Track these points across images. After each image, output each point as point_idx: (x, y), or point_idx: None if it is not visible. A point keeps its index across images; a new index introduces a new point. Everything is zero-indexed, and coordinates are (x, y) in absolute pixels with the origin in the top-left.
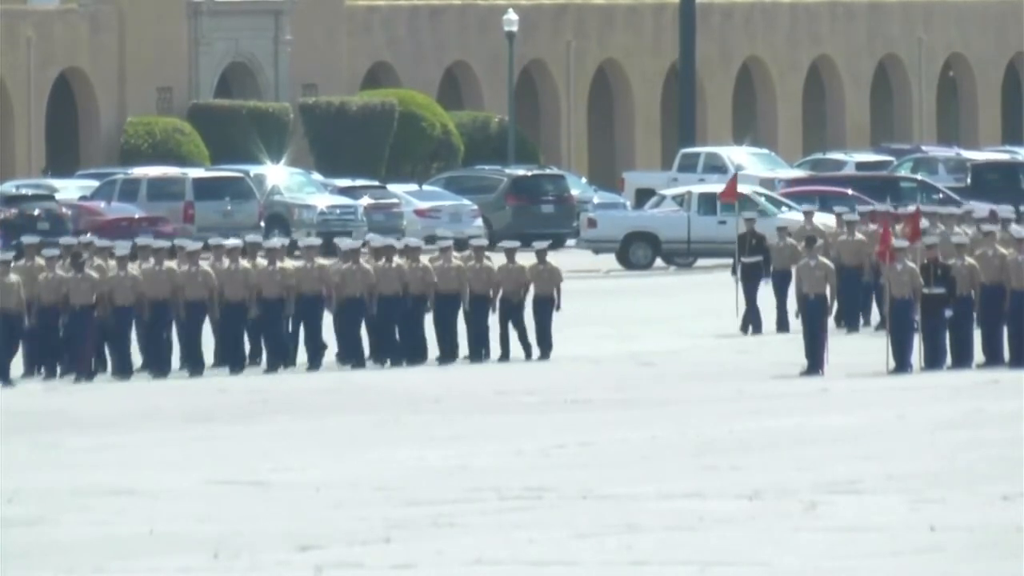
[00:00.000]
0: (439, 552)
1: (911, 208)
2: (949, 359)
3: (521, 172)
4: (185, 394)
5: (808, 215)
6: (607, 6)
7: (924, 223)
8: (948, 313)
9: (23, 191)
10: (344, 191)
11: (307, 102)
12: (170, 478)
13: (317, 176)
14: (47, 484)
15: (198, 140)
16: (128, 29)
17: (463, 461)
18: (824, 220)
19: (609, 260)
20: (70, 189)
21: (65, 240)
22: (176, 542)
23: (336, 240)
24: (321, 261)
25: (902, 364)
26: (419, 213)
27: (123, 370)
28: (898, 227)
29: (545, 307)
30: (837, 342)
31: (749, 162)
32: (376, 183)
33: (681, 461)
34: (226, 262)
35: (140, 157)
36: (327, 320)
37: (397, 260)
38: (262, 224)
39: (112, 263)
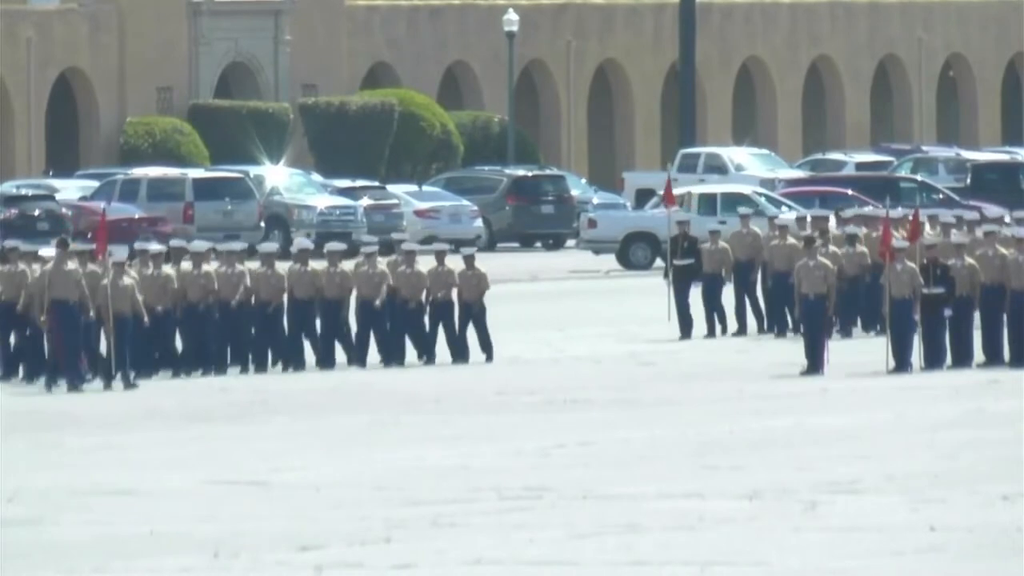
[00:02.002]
0: (439, 552)
1: (868, 211)
2: (949, 359)
3: (521, 172)
4: (185, 394)
5: (744, 218)
6: (607, 6)
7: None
8: (948, 313)
9: (23, 191)
10: (344, 191)
11: (307, 102)
12: (170, 478)
13: (317, 176)
14: (47, 484)
15: (198, 140)
16: (128, 29)
17: (463, 461)
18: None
19: (609, 260)
20: (70, 189)
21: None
22: (176, 542)
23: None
24: (313, 265)
25: (902, 364)
26: (419, 213)
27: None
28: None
29: (474, 312)
30: (837, 342)
31: (749, 162)
32: (376, 183)
33: (681, 461)
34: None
35: (140, 157)
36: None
37: (314, 265)
38: (262, 224)
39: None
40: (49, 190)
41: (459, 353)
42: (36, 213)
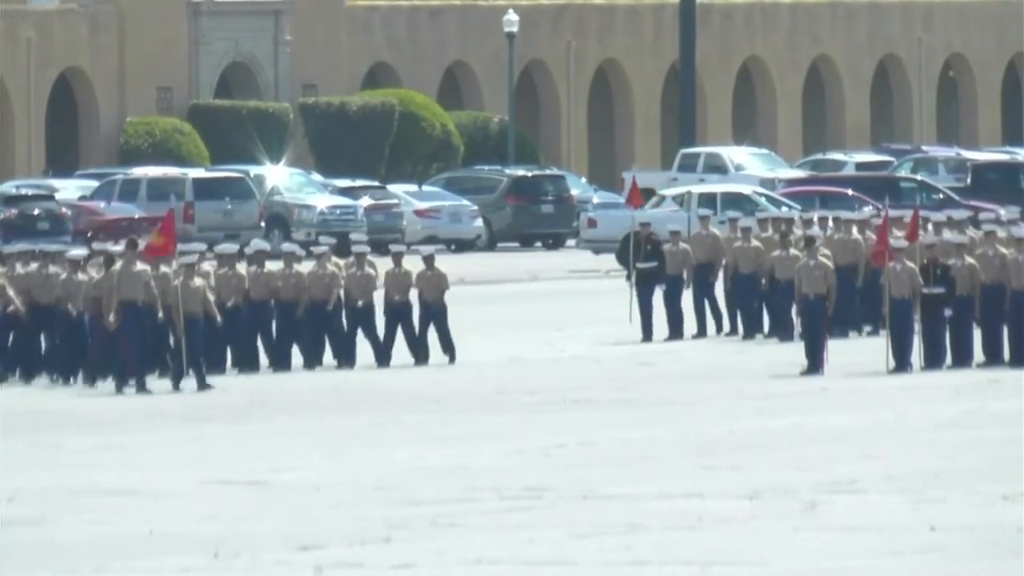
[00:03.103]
0: (439, 552)
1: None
2: (949, 359)
3: (521, 172)
4: (185, 394)
5: (704, 220)
6: (607, 6)
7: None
8: (948, 313)
9: (23, 191)
10: (344, 191)
11: (307, 102)
12: (170, 478)
13: (317, 176)
14: (47, 484)
15: (198, 140)
16: (128, 29)
17: (463, 461)
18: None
19: (609, 260)
20: (70, 189)
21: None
22: (176, 542)
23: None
24: (298, 268)
25: (902, 364)
26: (419, 213)
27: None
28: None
29: (435, 313)
30: (837, 342)
31: (749, 162)
32: (376, 183)
33: (681, 461)
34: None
35: (140, 157)
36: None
37: (270, 266)
38: (262, 224)
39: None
40: (49, 190)
41: (419, 355)
42: (36, 213)
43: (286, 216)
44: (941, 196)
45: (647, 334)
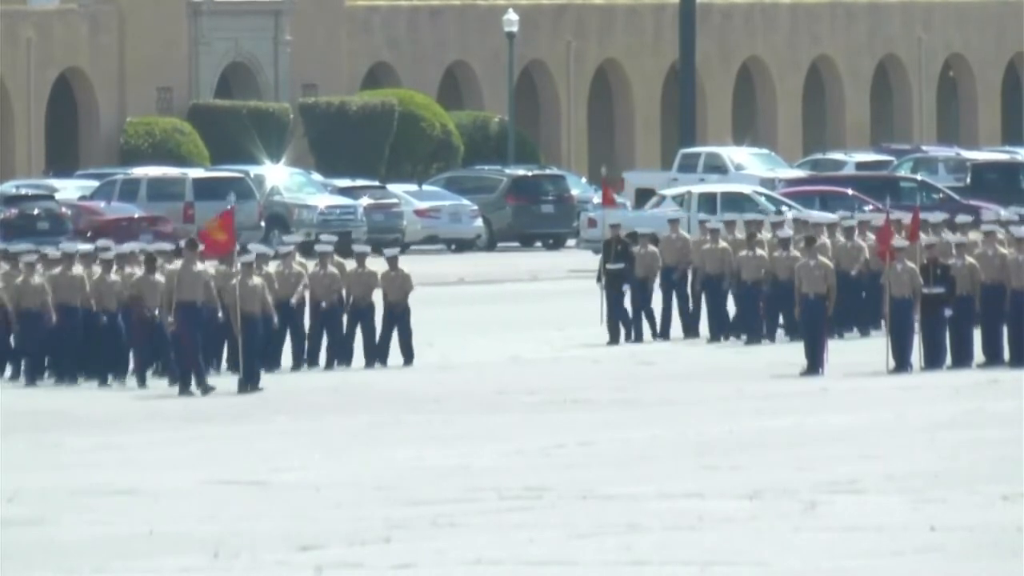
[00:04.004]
0: (439, 552)
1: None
2: (949, 359)
3: (521, 172)
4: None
5: (673, 223)
6: (607, 6)
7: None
8: (948, 313)
9: (23, 191)
10: (344, 191)
11: (307, 102)
12: (170, 478)
13: (317, 176)
14: (47, 484)
15: (198, 140)
16: (128, 29)
17: (463, 461)
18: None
19: None
20: (70, 189)
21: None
22: (176, 542)
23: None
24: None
25: (902, 364)
26: (419, 213)
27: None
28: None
29: (398, 314)
30: (837, 342)
31: (749, 162)
32: (376, 183)
33: (681, 461)
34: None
35: (140, 157)
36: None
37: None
38: (262, 224)
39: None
40: (49, 190)
41: (377, 356)
42: (36, 213)
43: (286, 216)
44: (941, 196)
45: (614, 336)
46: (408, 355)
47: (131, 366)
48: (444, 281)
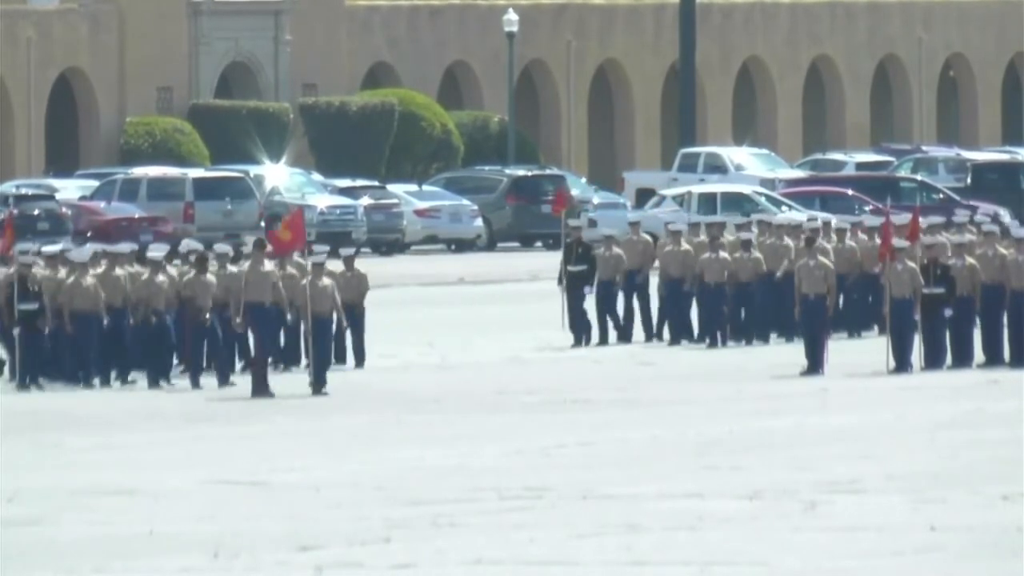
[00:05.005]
0: (439, 552)
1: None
2: (949, 359)
3: (521, 172)
4: (185, 394)
5: (635, 225)
6: (607, 6)
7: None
8: (948, 313)
9: (23, 191)
10: (344, 191)
11: (307, 102)
12: (170, 478)
13: (317, 176)
14: (47, 484)
15: (198, 140)
16: (128, 29)
17: (463, 461)
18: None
19: None
20: (70, 189)
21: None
22: (176, 542)
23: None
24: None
25: (902, 364)
26: (419, 213)
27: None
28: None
29: (355, 316)
30: (837, 342)
31: (749, 162)
32: (376, 183)
33: (681, 461)
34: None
35: (140, 157)
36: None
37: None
38: (262, 224)
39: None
40: (49, 190)
41: (359, 357)
42: (36, 213)
43: (286, 216)
44: (941, 196)
45: (577, 338)
46: (360, 357)
47: (174, 367)
48: (444, 281)
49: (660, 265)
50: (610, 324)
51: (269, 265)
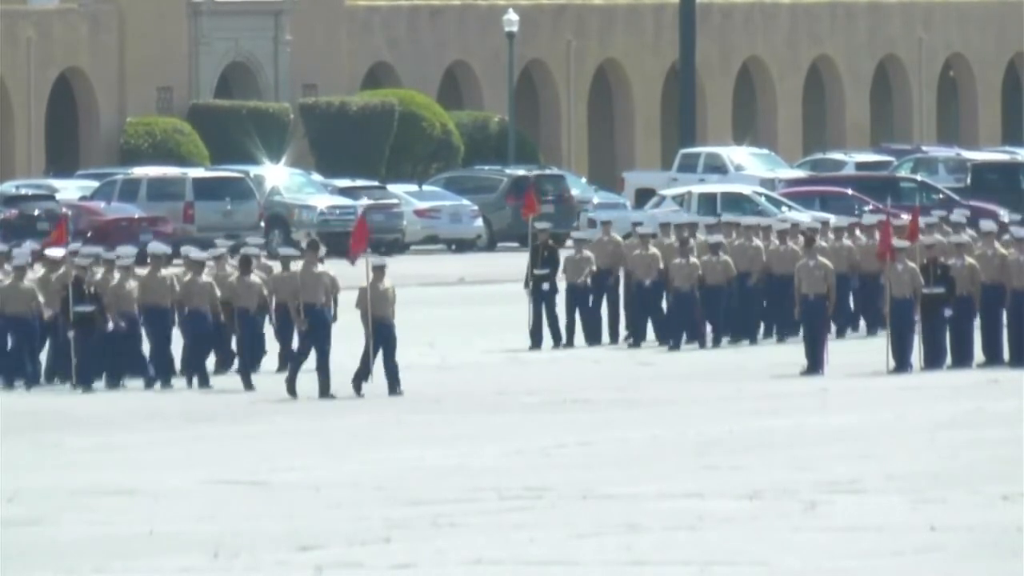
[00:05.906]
0: (439, 552)
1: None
2: (949, 359)
3: (521, 172)
4: (185, 395)
5: (606, 225)
6: (607, 6)
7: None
8: (948, 313)
9: (23, 191)
10: (344, 191)
11: (307, 102)
12: (170, 478)
13: (317, 176)
14: (47, 484)
15: (198, 140)
16: (128, 29)
17: (463, 461)
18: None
19: None
20: (70, 189)
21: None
22: (176, 542)
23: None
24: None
25: (902, 364)
26: (419, 213)
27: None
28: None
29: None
30: (837, 342)
31: (749, 162)
32: (376, 183)
33: (681, 461)
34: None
35: (140, 157)
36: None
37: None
38: (262, 224)
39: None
40: (49, 190)
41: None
42: (36, 213)
43: (286, 216)
44: (941, 196)
45: (535, 341)
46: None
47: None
48: (444, 281)
49: (626, 268)
50: (578, 326)
51: (321, 267)
